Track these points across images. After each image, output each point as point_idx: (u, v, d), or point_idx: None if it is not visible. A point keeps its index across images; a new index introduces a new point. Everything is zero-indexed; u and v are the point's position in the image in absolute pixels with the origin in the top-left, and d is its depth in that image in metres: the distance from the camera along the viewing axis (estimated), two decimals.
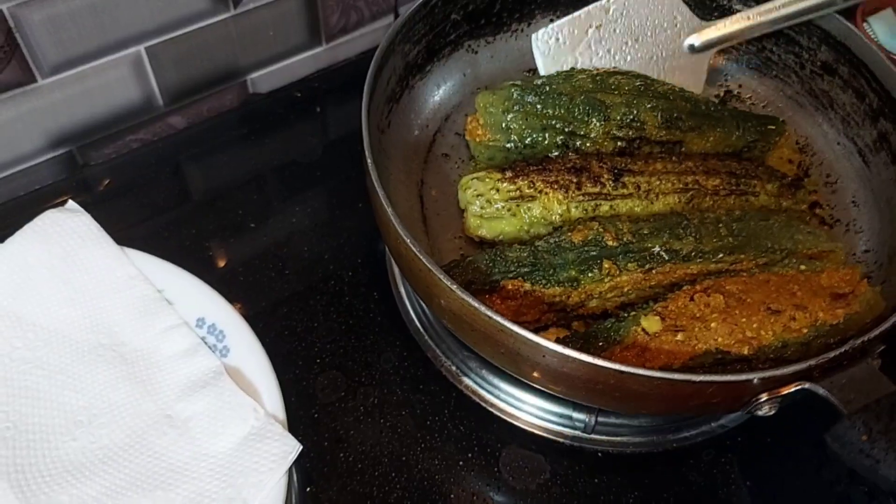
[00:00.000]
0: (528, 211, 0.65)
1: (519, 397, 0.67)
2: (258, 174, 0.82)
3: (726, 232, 0.63)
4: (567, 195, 0.65)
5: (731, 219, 0.65)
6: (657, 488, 0.65)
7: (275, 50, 0.86)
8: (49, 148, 0.79)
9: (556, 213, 0.65)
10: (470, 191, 0.66)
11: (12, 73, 0.71)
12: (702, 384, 0.50)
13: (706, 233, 0.63)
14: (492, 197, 0.65)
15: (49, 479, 0.54)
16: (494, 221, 0.66)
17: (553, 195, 0.65)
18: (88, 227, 0.63)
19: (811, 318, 0.57)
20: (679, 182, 0.67)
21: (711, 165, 0.69)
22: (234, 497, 0.53)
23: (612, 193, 0.65)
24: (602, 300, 0.62)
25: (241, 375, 0.59)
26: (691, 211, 0.66)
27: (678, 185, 0.67)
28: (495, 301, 0.60)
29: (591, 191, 0.65)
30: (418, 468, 0.64)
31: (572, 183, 0.65)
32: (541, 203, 0.65)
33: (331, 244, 0.76)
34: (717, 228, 0.63)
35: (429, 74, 0.76)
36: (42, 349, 0.59)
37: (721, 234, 0.63)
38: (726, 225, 0.64)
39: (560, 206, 0.65)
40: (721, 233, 0.63)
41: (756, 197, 0.69)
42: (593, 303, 0.62)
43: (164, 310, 0.61)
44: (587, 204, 0.65)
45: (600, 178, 0.66)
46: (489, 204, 0.65)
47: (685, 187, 0.67)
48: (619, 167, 0.66)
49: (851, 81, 0.73)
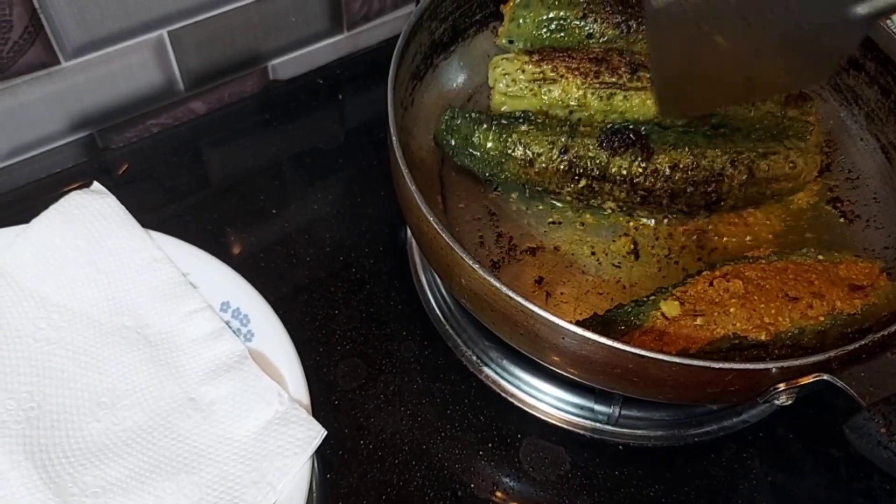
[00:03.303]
0: (549, 93, 0.69)
1: (540, 388, 0.67)
2: (279, 160, 0.82)
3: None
4: (585, 81, 0.69)
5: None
6: (678, 482, 0.64)
7: (296, 36, 0.86)
8: (70, 131, 0.79)
9: (574, 97, 0.69)
10: (498, 69, 0.70)
11: (36, 54, 0.71)
12: (721, 371, 0.49)
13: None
14: (517, 77, 0.69)
15: (73, 459, 0.54)
16: (517, 100, 0.70)
17: (573, 80, 0.69)
18: (113, 209, 0.63)
19: (828, 307, 0.57)
20: None
21: None
22: (258, 481, 0.53)
23: (627, 85, 0.69)
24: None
25: (265, 360, 0.59)
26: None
27: None
28: None
29: (608, 80, 0.69)
30: (438, 457, 0.64)
31: (592, 71, 0.69)
32: (560, 86, 0.69)
33: (352, 231, 0.76)
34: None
35: (453, 54, 0.76)
36: (66, 330, 0.59)
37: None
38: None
39: (578, 90, 0.69)
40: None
41: (763, 102, 0.70)
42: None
43: (189, 293, 0.61)
44: (603, 92, 0.69)
45: (618, 69, 0.69)
46: (514, 83, 0.69)
47: None
48: (637, 62, 0.70)
49: (878, 78, 0.72)
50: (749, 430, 0.67)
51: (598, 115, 0.69)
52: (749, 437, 0.67)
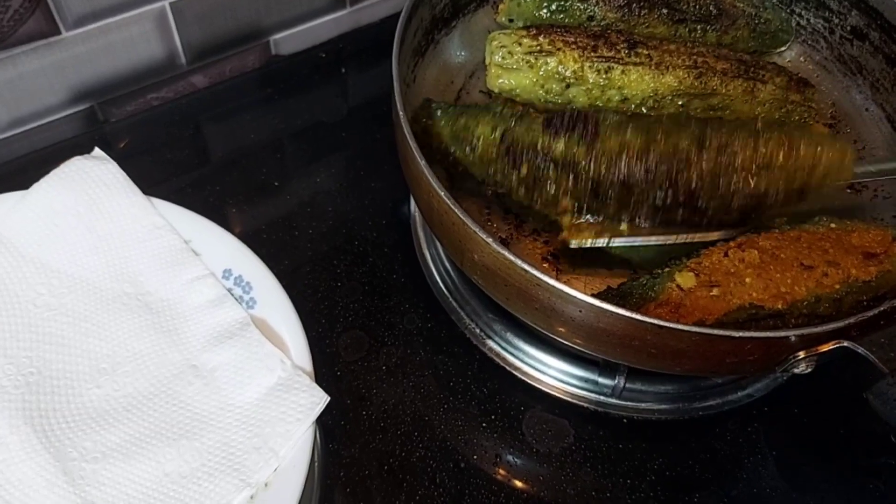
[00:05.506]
0: (546, 65, 0.68)
1: (543, 360, 0.66)
2: (281, 135, 0.81)
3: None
4: (583, 55, 0.68)
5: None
6: (682, 456, 0.64)
7: (299, 11, 0.85)
8: (71, 102, 0.78)
9: (570, 69, 0.68)
10: (495, 42, 0.70)
11: (36, 23, 0.70)
12: (740, 340, 0.49)
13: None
14: (514, 49, 0.69)
15: (73, 424, 0.54)
16: (513, 73, 0.69)
17: (570, 53, 0.68)
18: (115, 175, 0.62)
19: (843, 275, 0.56)
20: (689, 59, 0.70)
21: (723, 52, 0.72)
22: (260, 447, 0.53)
23: (624, 59, 0.68)
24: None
25: (267, 327, 0.58)
26: (698, 88, 0.69)
27: (688, 62, 0.69)
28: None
29: (605, 54, 0.68)
30: (440, 428, 0.64)
31: (589, 45, 0.69)
32: (557, 59, 0.68)
33: (355, 205, 0.76)
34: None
35: (454, 30, 0.76)
36: (67, 296, 0.59)
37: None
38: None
39: (575, 63, 0.68)
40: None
41: (764, 84, 0.70)
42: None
43: (191, 260, 0.60)
44: (600, 65, 0.68)
45: (616, 45, 0.69)
46: (510, 55, 0.69)
47: (695, 64, 0.69)
48: (635, 39, 0.70)
49: (882, 47, 0.72)
50: (754, 405, 0.66)
51: (595, 91, 0.69)
52: (754, 412, 0.66)
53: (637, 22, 0.73)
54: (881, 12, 0.71)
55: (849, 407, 0.66)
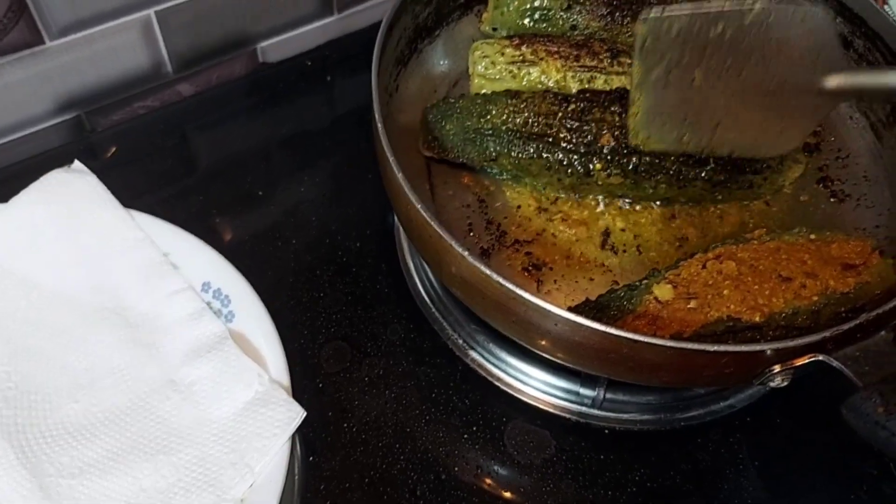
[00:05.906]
0: (528, 75, 0.68)
1: (525, 371, 0.66)
2: (267, 143, 0.81)
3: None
4: (566, 64, 0.68)
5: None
6: (664, 467, 0.64)
7: (285, 18, 0.85)
8: (57, 112, 0.78)
9: (553, 79, 0.68)
10: (478, 52, 0.70)
11: (20, 33, 0.70)
12: (716, 354, 0.49)
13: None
14: (496, 59, 0.69)
15: (50, 440, 0.54)
16: (496, 83, 0.69)
17: (552, 63, 0.68)
18: (94, 188, 0.62)
19: (822, 286, 0.56)
20: None
21: None
22: (237, 462, 0.53)
23: (607, 69, 0.68)
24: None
25: (245, 341, 0.58)
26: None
27: None
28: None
29: (588, 64, 0.68)
30: (422, 440, 0.64)
31: (572, 55, 0.69)
32: (540, 69, 0.68)
33: (339, 215, 0.76)
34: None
35: (437, 39, 0.75)
36: (46, 310, 0.59)
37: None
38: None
39: (558, 73, 0.68)
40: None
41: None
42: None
43: (170, 273, 0.60)
44: (583, 75, 0.68)
45: (599, 54, 0.69)
46: (493, 65, 0.69)
47: None
48: (618, 48, 0.69)
49: (866, 55, 0.71)
50: (736, 415, 0.66)
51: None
52: (736, 422, 0.66)
53: (620, 31, 0.73)
54: (865, 20, 0.70)
55: (830, 417, 0.65)
